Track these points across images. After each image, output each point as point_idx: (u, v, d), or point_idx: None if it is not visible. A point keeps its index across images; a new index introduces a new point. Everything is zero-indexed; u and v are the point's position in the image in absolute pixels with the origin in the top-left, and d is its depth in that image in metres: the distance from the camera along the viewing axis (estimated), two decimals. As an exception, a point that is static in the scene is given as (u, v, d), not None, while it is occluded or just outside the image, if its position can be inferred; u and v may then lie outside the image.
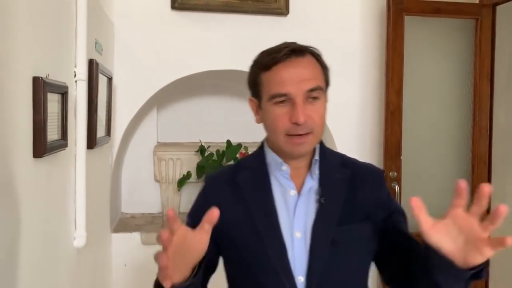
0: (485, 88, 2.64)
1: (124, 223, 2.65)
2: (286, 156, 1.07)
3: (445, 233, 0.81)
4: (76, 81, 1.47)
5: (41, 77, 1.06)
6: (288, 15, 2.53)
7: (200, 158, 2.75)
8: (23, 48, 1.02)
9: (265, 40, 2.49)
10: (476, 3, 2.65)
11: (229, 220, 1.02)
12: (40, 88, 1.05)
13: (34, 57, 1.11)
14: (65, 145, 1.30)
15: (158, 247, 2.61)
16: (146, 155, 2.89)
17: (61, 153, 1.31)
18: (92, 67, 1.63)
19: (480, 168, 2.67)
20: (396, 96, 2.54)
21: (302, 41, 2.65)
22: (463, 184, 0.80)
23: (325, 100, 1.06)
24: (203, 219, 0.82)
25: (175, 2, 2.41)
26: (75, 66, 1.47)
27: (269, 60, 1.03)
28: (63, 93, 1.26)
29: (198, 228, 0.83)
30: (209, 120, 3.14)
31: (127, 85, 2.41)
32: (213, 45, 2.50)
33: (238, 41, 2.52)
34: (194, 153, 2.81)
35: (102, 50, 1.98)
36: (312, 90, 1.00)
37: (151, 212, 2.91)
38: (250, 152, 2.72)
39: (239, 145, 2.67)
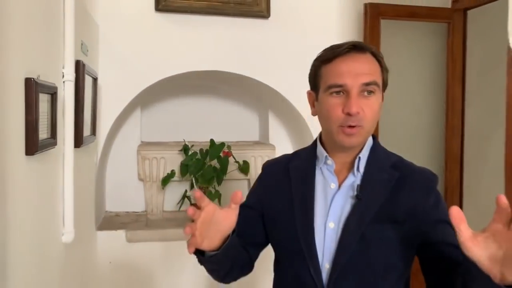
0: (457, 89, 2.77)
1: (108, 221, 2.69)
2: (336, 149, 1.13)
3: (484, 247, 0.80)
4: (64, 82, 1.51)
5: (33, 78, 1.11)
6: (269, 18, 2.61)
7: (184, 157, 2.81)
8: (15, 50, 1.07)
9: (247, 42, 2.62)
10: (448, 8, 2.77)
11: (274, 203, 1.16)
12: (32, 89, 1.10)
13: (26, 59, 1.15)
14: (55, 144, 1.35)
15: (143, 245, 2.66)
16: (130, 154, 2.93)
17: (51, 151, 1.36)
18: (79, 68, 1.67)
19: (452, 165, 2.80)
20: (373, 96, 2.64)
21: (282, 43, 2.74)
22: (504, 200, 0.78)
23: (380, 98, 1.11)
24: (230, 198, 0.97)
25: (159, 4, 2.46)
26: (63, 67, 1.51)
27: (330, 53, 1.09)
28: (53, 93, 1.31)
29: (226, 206, 0.97)
30: (192, 119, 3.20)
31: (111, 85, 2.45)
32: (196, 47, 2.57)
33: (221, 42, 2.59)
34: (177, 152, 2.87)
35: (87, 51, 2.02)
36: (367, 84, 1.06)
37: (135, 211, 2.95)
38: (233, 151, 2.83)
39: (222, 144, 2.73)
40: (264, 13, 2.58)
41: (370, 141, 1.17)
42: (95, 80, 2.12)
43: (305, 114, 2.74)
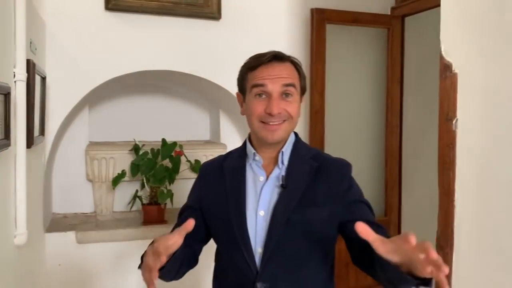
0: (395, 90, 2.97)
1: (57, 223, 2.63)
2: (263, 146, 1.25)
3: (392, 250, 0.88)
4: (15, 82, 1.49)
5: (-12, 80, 1.10)
6: (220, 19, 2.66)
7: (134, 156, 2.79)
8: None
9: (198, 43, 2.66)
10: (388, 14, 2.97)
11: (211, 199, 1.28)
12: (-12, 89, 1.09)
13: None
14: (8, 144, 1.33)
15: (94, 246, 2.62)
16: (78, 154, 2.87)
17: (4, 152, 1.34)
18: (29, 67, 1.64)
19: (392, 161, 3.00)
20: (319, 97, 2.77)
21: (232, 44, 2.80)
22: (413, 238, 0.85)
23: (299, 100, 1.25)
24: (181, 226, 1.00)
25: (109, 3, 2.44)
26: (14, 67, 1.49)
27: (255, 61, 1.24)
28: (6, 93, 1.29)
29: (176, 232, 1.00)
30: (142, 119, 3.18)
31: (59, 84, 2.40)
32: (147, 46, 2.57)
33: (172, 43, 2.61)
34: (128, 152, 2.84)
35: (36, 49, 1.98)
36: (286, 85, 1.19)
37: (84, 212, 2.90)
38: (184, 150, 2.86)
39: (174, 143, 2.75)
40: (215, 15, 2.63)
41: (292, 137, 1.30)
42: (43, 79, 2.07)
43: (255, 113, 2.82)
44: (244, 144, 1.32)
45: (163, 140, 2.75)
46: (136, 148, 2.78)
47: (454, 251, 1.42)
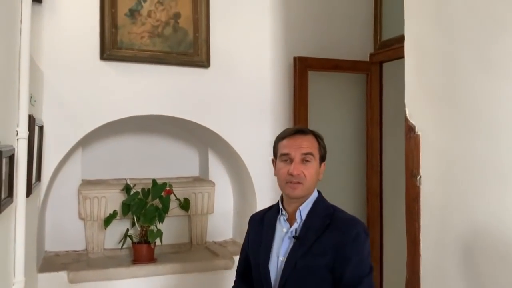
0: (375, 132, 3.13)
1: (49, 262, 2.70)
2: (288, 201, 1.56)
3: None
4: (18, 140, 1.61)
5: (-2, 148, 1.23)
6: (209, 68, 2.83)
7: (126, 196, 2.90)
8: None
9: (188, 89, 2.84)
10: (367, 61, 3.16)
11: (252, 244, 1.64)
12: (-2, 157, 1.21)
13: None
14: (12, 201, 1.45)
15: (86, 285, 2.70)
16: (71, 193, 2.96)
17: (8, 207, 1.45)
18: (31, 123, 1.77)
19: (373, 199, 3.14)
20: (303, 139, 2.92)
21: (221, 90, 2.95)
22: None
23: (317, 166, 1.55)
24: None
25: (104, 53, 2.60)
26: (17, 125, 1.61)
27: (283, 134, 1.60)
28: (11, 155, 1.42)
29: None
30: (134, 156, 3.29)
31: (55, 130, 2.52)
32: (140, 93, 2.72)
33: (164, 89, 2.77)
34: (119, 191, 2.95)
35: (35, 101, 2.11)
36: (305, 154, 1.51)
37: (76, 250, 2.98)
38: (174, 188, 2.97)
39: (164, 183, 2.87)
40: (204, 63, 2.79)
41: (314, 195, 1.58)
42: (41, 128, 2.20)
43: (242, 152, 2.97)
44: (278, 202, 1.64)
45: (154, 181, 2.86)
46: (127, 188, 2.89)
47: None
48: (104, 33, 2.59)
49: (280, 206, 1.59)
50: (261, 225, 1.62)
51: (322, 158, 1.58)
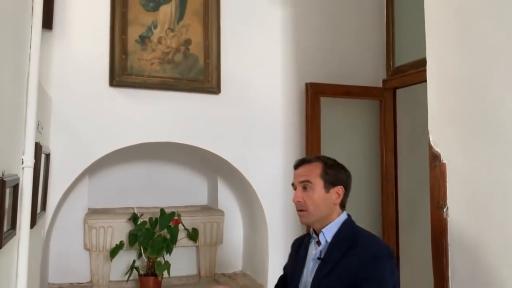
0: (390, 159, 3.04)
1: (52, 296, 2.60)
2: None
3: None
4: (23, 168, 1.54)
5: (1, 178, 1.16)
6: (220, 94, 2.78)
7: (133, 225, 2.81)
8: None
9: (198, 115, 2.78)
10: (380, 87, 3.10)
11: (290, 266, 1.74)
12: (0, 188, 1.14)
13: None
14: (15, 234, 1.37)
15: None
16: (76, 223, 2.88)
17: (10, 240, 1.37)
18: (37, 151, 1.71)
19: (389, 229, 3.02)
20: (315, 167, 2.84)
21: (232, 116, 2.90)
22: None
23: (321, 191, 1.60)
24: None
25: (113, 79, 2.56)
26: (23, 154, 1.55)
27: (294, 165, 1.71)
28: (15, 185, 1.35)
29: None
30: (141, 184, 3.22)
31: (62, 157, 2.46)
32: (149, 119, 2.66)
33: (174, 116, 2.71)
34: (126, 220, 2.87)
35: (42, 128, 2.06)
36: (302, 182, 1.61)
37: (80, 282, 2.87)
38: (182, 218, 2.88)
39: (172, 213, 2.78)
40: (214, 89, 2.75)
41: (342, 218, 1.64)
42: (47, 155, 2.14)
43: (253, 180, 2.88)
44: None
45: (162, 210, 2.78)
46: (134, 218, 2.81)
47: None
48: (114, 60, 2.56)
49: (311, 230, 1.68)
50: (299, 248, 1.72)
51: (332, 183, 1.62)
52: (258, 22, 2.92)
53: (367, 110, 3.13)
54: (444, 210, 1.40)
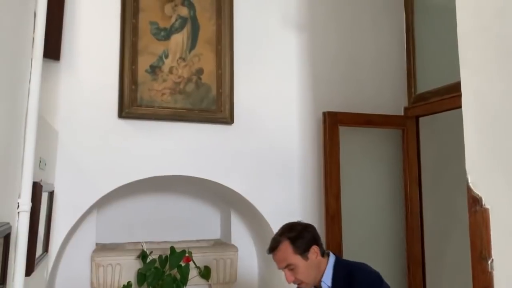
0: (414, 192, 2.86)
1: None
2: None
3: None
4: (18, 213, 1.42)
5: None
6: (233, 124, 2.65)
7: (142, 263, 2.66)
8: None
9: (210, 147, 2.64)
10: (402, 115, 2.94)
11: None
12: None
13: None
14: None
15: None
16: (83, 260, 2.74)
17: (-2, 296, 1.23)
18: (36, 191, 1.59)
19: (414, 268, 2.81)
20: (335, 201, 2.67)
21: (245, 147, 2.75)
22: None
23: (303, 262, 1.78)
24: None
25: (123, 111, 2.46)
26: (18, 197, 1.43)
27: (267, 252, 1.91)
28: (6, 235, 1.21)
29: None
30: (151, 217, 3.08)
31: (67, 193, 2.34)
32: (159, 152, 2.54)
33: (185, 148, 2.59)
34: (135, 258, 2.72)
35: (45, 165, 1.94)
36: (284, 267, 1.81)
37: (85, 323, 2.71)
38: (194, 254, 2.72)
39: (183, 251, 2.63)
40: (227, 120, 2.62)
41: (331, 262, 1.84)
42: (51, 193, 2.02)
43: (268, 215, 2.72)
44: None
45: (172, 248, 2.63)
46: (143, 255, 2.66)
47: None
48: (124, 90, 2.46)
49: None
50: None
51: (305, 250, 1.79)
52: (272, 49, 2.82)
53: (389, 139, 2.97)
54: (489, 262, 1.23)
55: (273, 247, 1.82)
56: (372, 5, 3.09)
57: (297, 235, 1.81)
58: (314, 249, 1.81)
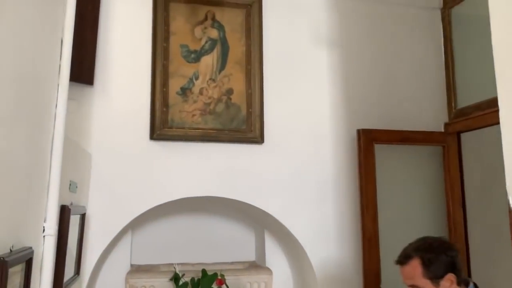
0: (457, 213, 2.69)
1: None
2: None
3: None
4: (44, 236, 1.43)
5: (2, 257, 1.03)
6: (263, 144, 2.62)
7: (174, 286, 2.64)
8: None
9: (241, 166, 2.60)
10: (441, 132, 2.80)
11: None
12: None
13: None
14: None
15: None
16: (118, 281, 2.75)
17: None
18: (64, 214, 1.60)
19: (461, 295, 2.62)
20: (372, 222, 2.55)
21: (277, 167, 2.68)
22: None
23: (431, 283, 1.59)
24: None
25: (154, 133, 2.48)
26: (44, 221, 1.44)
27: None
28: (28, 259, 1.22)
29: None
30: (185, 238, 3.07)
31: (101, 215, 2.37)
32: (190, 173, 2.54)
33: (215, 168, 2.57)
34: (168, 280, 2.70)
35: (76, 188, 1.97)
36: (409, 285, 1.64)
37: None
38: (226, 277, 2.67)
39: (215, 274, 2.59)
40: (258, 139, 2.59)
41: None
42: (83, 215, 2.04)
43: (301, 237, 2.64)
44: None
45: (203, 271, 2.60)
46: (175, 278, 2.64)
47: None
48: (155, 113, 2.49)
49: None
50: None
51: (438, 277, 1.59)
52: (303, 66, 2.77)
53: (428, 157, 2.83)
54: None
55: (401, 262, 1.66)
56: (408, 18, 2.99)
57: (432, 258, 1.61)
58: (450, 277, 1.59)
